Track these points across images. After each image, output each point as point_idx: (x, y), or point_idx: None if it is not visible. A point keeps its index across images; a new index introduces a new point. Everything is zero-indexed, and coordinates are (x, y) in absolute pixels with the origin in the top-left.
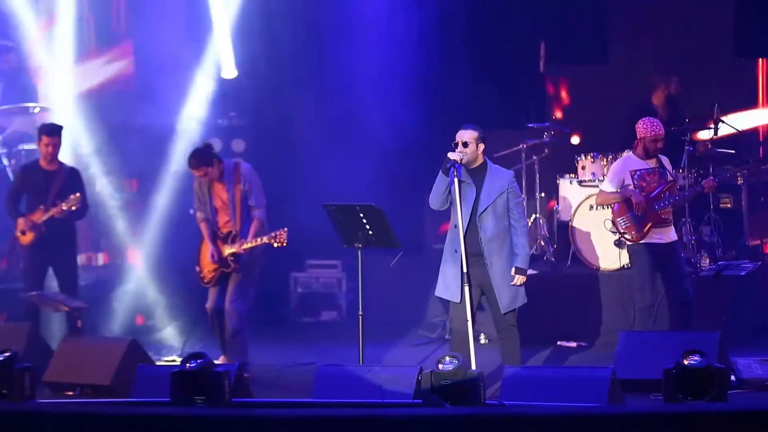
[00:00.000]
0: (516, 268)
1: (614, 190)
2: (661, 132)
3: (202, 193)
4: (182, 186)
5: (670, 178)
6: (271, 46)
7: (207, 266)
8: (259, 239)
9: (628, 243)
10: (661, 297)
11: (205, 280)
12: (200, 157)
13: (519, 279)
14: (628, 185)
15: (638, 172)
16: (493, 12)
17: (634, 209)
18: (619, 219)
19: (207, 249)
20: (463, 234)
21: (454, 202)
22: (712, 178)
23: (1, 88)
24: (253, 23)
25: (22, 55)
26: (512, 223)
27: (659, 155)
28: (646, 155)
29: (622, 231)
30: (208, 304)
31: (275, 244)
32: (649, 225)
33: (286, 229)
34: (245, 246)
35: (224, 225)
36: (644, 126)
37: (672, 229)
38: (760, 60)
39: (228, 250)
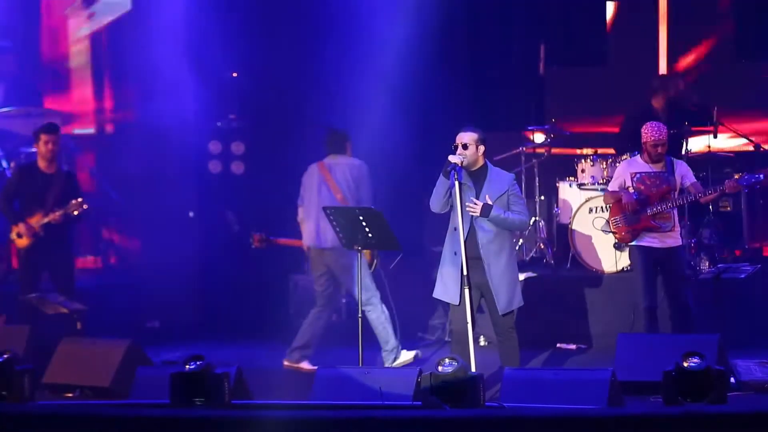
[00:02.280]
0: (488, 203)
1: (616, 190)
2: (661, 137)
3: (313, 186)
4: (182, 189)
5: (672, 184)
6: (270, 48)
7: None
8: None
9: (627, 245)
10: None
11: None
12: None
13: (476, 206)
14: (628, 187)
15: (638, 175)
16: (492, 14)
17: (625, 209)
18: (612, 218)
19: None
20: (464, 237)
21: (455, 205)
22: (738, 176)
23: (1, 90)
24: (253, 25)
25: (23, 57)
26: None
27: (675, 160)
28: (651, 159)
29: (612, 230)
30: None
31: None
32: (638, 228)
33: None
34: None
35: None
36: (645, 131)
37: (671, 234)
38: None
39: None
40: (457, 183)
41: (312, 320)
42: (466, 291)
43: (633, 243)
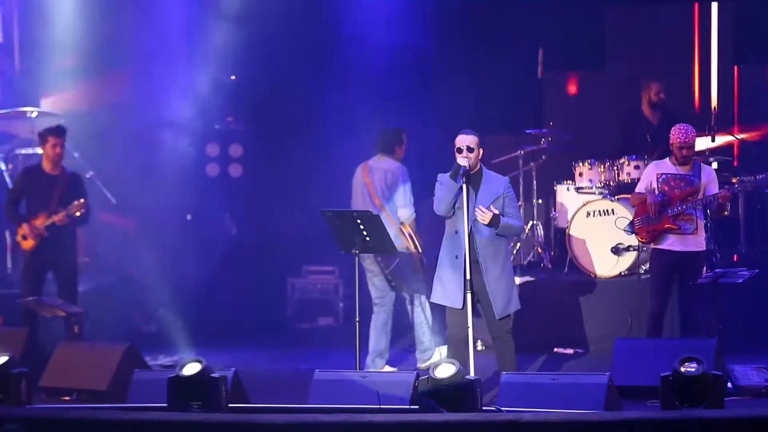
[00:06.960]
0: (497, 214)
1: (642, 191)
2: (687, 140)
3: (357, 189)
4: (179, 191)
5: (696, 187)
6: (268, 50)
7: None
8: None
9: (648, 247)
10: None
11: None
12: None
13: (485, 213)
14: (654, 188)
15: (664, 176)
16: (491, 18)
17: (648, 210)
18: (636, 219)
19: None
20: (467, 240)
21: (462, 208)
22: (727, 187)
23: None
24: (251, 27)
25: (20, 58)
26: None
27: (704, 166)
28: (678, 162)
29: (635, 231)
30: None
31: None
32: (659, 229)
33: None
34: None
35: None
36: (672, 133)
37: (692, 238)
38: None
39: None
40: (465, 186)
41: (372, 323)
42: (469, 295)
43: (653, 246)
